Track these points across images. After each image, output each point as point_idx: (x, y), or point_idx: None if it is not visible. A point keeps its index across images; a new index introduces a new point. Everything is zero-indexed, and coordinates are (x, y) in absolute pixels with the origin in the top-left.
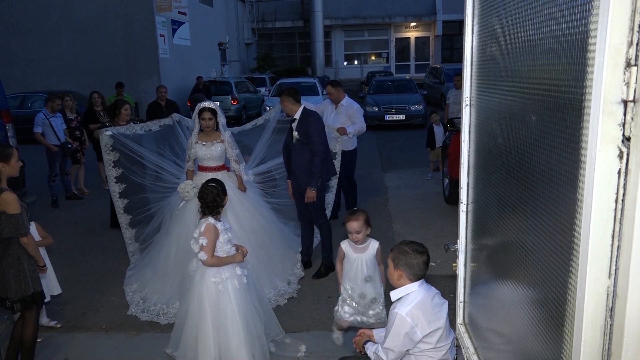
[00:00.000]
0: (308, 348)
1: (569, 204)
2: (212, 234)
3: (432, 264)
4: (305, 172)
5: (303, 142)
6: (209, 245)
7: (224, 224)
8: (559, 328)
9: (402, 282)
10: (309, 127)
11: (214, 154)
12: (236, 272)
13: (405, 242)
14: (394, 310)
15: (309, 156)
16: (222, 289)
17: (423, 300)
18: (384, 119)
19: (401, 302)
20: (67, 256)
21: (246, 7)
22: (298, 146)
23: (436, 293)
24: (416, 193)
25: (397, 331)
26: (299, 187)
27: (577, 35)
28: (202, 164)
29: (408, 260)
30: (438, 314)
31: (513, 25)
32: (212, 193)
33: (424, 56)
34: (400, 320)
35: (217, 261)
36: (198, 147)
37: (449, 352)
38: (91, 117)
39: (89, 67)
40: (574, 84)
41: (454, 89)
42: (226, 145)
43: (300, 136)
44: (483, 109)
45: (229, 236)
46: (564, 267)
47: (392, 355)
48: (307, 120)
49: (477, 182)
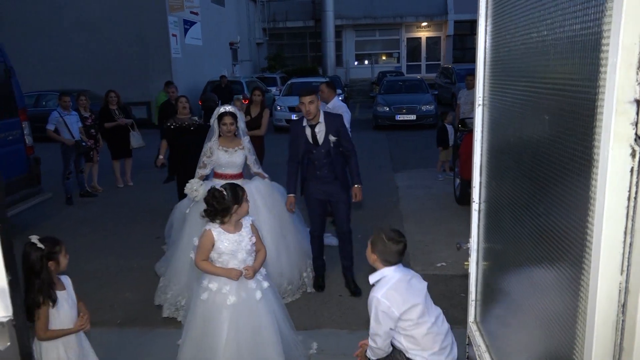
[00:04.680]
0: (319, 346)
1: (582, 201)
2: (205, 240)
3: (442, 263)
4: (342, 176)
5: (338, 144)
6: (199, 248)
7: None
8: (571, 324)
9: (377, 265)
10: (340, 127)
11: (236, 161)
12: (222, 290)
13: (384, 229)
14: (370, 294)
15: (343, 159)
16: (205, 298)
17: (398, 282)
18: (395, 119)
19: (378, 286)
20: (81, 253)
21: (257, 7)
22: (334, 150)
23: (414, 276)
24: (427, 193)
25: (376, 314)
26: (324, 196)
27: (590, 36)
28: (221, 171)
29: (383, 247)
30: (415, 293)
31: (527, 25)
32: (214, 197)
33: (435, 56)
34: (377, 303)
35: (206, 267)
36: (220, 153)
37: (434, 325)
38: (106, 116)
39: (102, 66)
40: (587, 84)
41: (465, 89)
42: (246, 152)
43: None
44: (496, 108)
45: (232, 249)
46: (577, 264)
47: (379, 339)
48: (335, 121)
49: (489, 181)
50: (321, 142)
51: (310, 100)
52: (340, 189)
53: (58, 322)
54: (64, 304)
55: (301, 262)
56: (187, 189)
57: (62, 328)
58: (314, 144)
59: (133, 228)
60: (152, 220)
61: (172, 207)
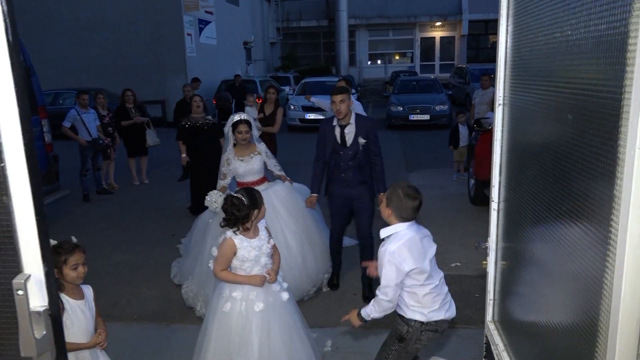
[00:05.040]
0: (334, 343)
1: (606, 200)
2: (226, 249)
3: (457, 263)
4: (367, 181)
5: (367, 148)
6: (218, 258)
7: (252, 240)
8: (594, 323)
9: (391, 220)
10: (370, 130)
11: (254, 168)
12: (249, 295)
13: (401, 185)
14: (382, 248)
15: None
16: (228, 308)
17: (411, 239)
18: (409, 118)
19: (390, 240)
20: (99, 249)
21: (271, 7)
22: (362, 153)
23: (426, 235)
24: (441, 193)
25: (388, 267)
26: (348, 200)
27: (616, 36)
28: (242, 180)
29: (399, 203)
30: (425, 255)
31: (550, 25)
32: (233, 205)
33: (449, 56)
34: (389, 256)
35: (226, 276)
36: (237, 163)
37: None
38: (123, 114)
39: (118, 65)
40: (612, 83)
41: (480, 89)
42: (264, 157)
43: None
44: (517, 108)
45: (255, 255)
46: (600, 262)
47: (390, 291)
48: (366, 124)
49: (509, 181)
50: (349, 144)
51: (342, 99)
52: (365, 193)
53: (70, 333)
54: (79, 314)
55: (327, 264)
56: (207, 202)
57: (76, 342)
58: (342, 145)
59: (148, 225)
60: (167, 218)
61: (186, 205)
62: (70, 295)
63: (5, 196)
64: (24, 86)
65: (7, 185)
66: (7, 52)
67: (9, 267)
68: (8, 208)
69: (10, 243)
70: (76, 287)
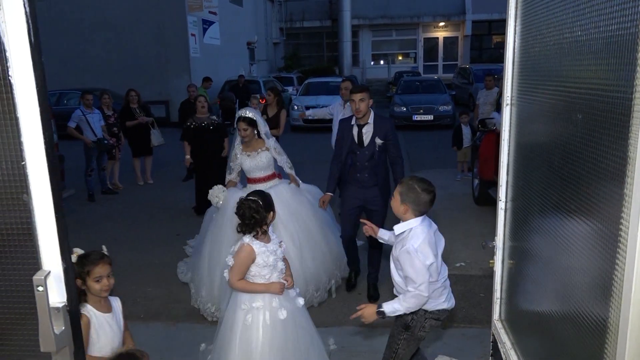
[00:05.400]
0: (340, 342)
1: (615, 198)
2: (244, 256)
3: (461, 263)
4: (382, 183)
5: (383, 149)
6: (236, 267)
7: (268, 245)
8: (603, 321)
9: (407, 217)
10: (388, 131)
11: (260, 164)
12: (272, 303)
13: (414, 179)
14: (404, 247)
15: (386, 165)
16: (251, 320)
17: (427, 234)
18: (412, 119)
19: (410, 238)
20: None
21: (275, 7)
22: (379, 154)
23: (436, 229)
24: (445, 193)
25: (415, 265)
26: (361, 202)
27: (627, 37)
28: (251, 176)
29: (417, 197)
30: (437, 248)
31: (559, 26)
32: (251, 208)
33: (452, 56)
34: (414, 254)
35: (244, 286)
36: (243, 158)
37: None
38: (128, 114)
39: (121, 65)
40: (623, 83)
41: (484, 90)
42: (272, 153)
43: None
44: (525, 108)
45: (272, 260)
46: (609, 259)
47: (426, 287)
48: (385, 124)
49: (516, 180)
50: (366, 144)
51: (361, 97)
52: (379, 195)
53: (97, 347)
54: (106, 327)
55: (331, 267)
56: (209, 196)
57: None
58: (359, 145)
59: (153, 225)
60: (171, 217)
61: (191, 206)
62: (97, 307)
63: (26, 194)
64: (45, 86)
65: (28, 183)
66: (29, 53)
67: (28, 264)
68: (28, 206)
69: (30, 240)
70: (104, 299)
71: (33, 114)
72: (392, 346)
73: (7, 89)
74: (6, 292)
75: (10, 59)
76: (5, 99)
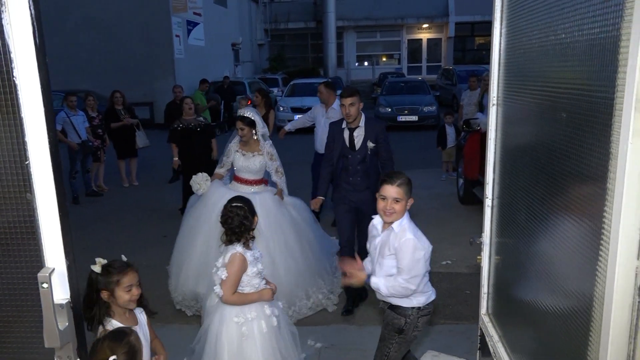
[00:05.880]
0: (330, 340)
1: (599, 193)
2: (238, 266)
3: (448, 261)
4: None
5: (375, 151)
6: (231, 279)
7: (254, 252)
8: (587, 309)
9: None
10: (380, 133)
11: (252, 167)
12: (265, 311)
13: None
14: (403, 239)
15: (378, 168)
16: (247, 332)
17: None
18: (397, 119)
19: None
20: (91, 250)
21: (259, 8)
22: (371, 157)
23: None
24: (430, 193)
25: (416, 256)
26: (354, 205)
27: (608, 39)
28: (239, 175)
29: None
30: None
31: (543, 28)
32: (239, 215)
33: (435, 58)
34: (415, 244)
35: (239, 299)
36: (237, 156)
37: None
38: (112, 116)
39: (106, 66)
40: (605, 83)
41: (468, 91)
42: (266, 158)
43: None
44: (510, 108)
45: (259, 268)
46: (593, 252)
47: (415, 281)
48: (376, 127)
49: (502, 178)
50: (358, 147)
51: (351, 102)
52: (371, 199)
53: None
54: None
55: (306, 283)
56: (192, 181)
57: None
58: (350, 148)
59: (140, 226)
60: (158, 219)
61: (177, 207)
62: (122, 320)
63: (29, 193)
64: (49, 87)
65: (31, 182)
66: (34, 54)
67: (32, 262)
68: (32, 205)
69: (33, 238)
70: (129, 311)
71: (37, 114)
72: (383, 350)
73: (11, 89)
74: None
75: (15, 60)
76: (9, 99)
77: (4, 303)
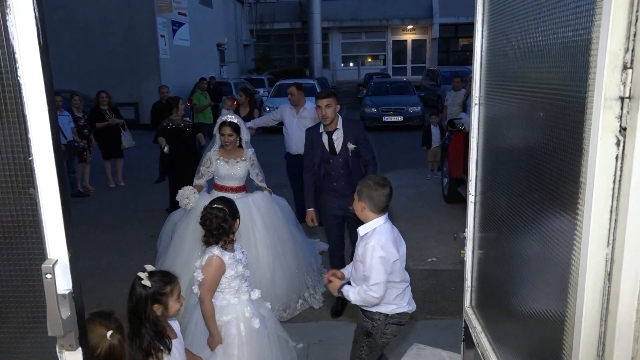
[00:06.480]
0: (318, 337)
1: (572, 186)
2: (214, 269)
3: (433, 259)
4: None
5: (356, 153)
6: (207, 282)
7: (235, 254)
8: (563, 294)
9: (366, 215)
10: (359, 133)
11: (237, 174)
12: (244, 313)
13: (369, 177)
14: (369, 244)
15: (361, 170)
16: (225, 334)
17: (391, 233)
18: (382, 120)
19: (374, 236)
20: (79, 251)
21: (245, 9)
22: (352, 159)
23: (398, 234)
24: (416, 192)
25: (377, 262)
26: (341, 211)
27: (581, 42)
28: (221, 183)
29: (371, 192)
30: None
31: (522, 31)
32: (218, 217)
33: (420, 58)
34: (377, 251)
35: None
36: (220, 164)
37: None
38: (98, 116)
39: (91, 67)
40: (578, 84)
41: (452, 91)
42: (249, 164)
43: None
44: (492, 107)
45: (240, 270)
46: (568, 241)
47: (381, 288)
48: (355, 128)
49: (485, 175)
50: (339, 151)
51: (327, 103)
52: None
53: None
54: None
55: (299, 283)
56: (178, 196)
57: None
58: (331, 153)
59: (127, 227)
60: (144, 219)
61: (164, 207)
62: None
63: (32, 188)
64: (52, 86)
65: (34, 177)
66: (38, 54)
67: (34, 254)
68: (35, 199)
69: (36, 232)
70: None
71: (41, 112)
72: (355, 352)
73: (16, 88)
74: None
75: (20, 59)
76: (14, 97)
77: (8, 294)
